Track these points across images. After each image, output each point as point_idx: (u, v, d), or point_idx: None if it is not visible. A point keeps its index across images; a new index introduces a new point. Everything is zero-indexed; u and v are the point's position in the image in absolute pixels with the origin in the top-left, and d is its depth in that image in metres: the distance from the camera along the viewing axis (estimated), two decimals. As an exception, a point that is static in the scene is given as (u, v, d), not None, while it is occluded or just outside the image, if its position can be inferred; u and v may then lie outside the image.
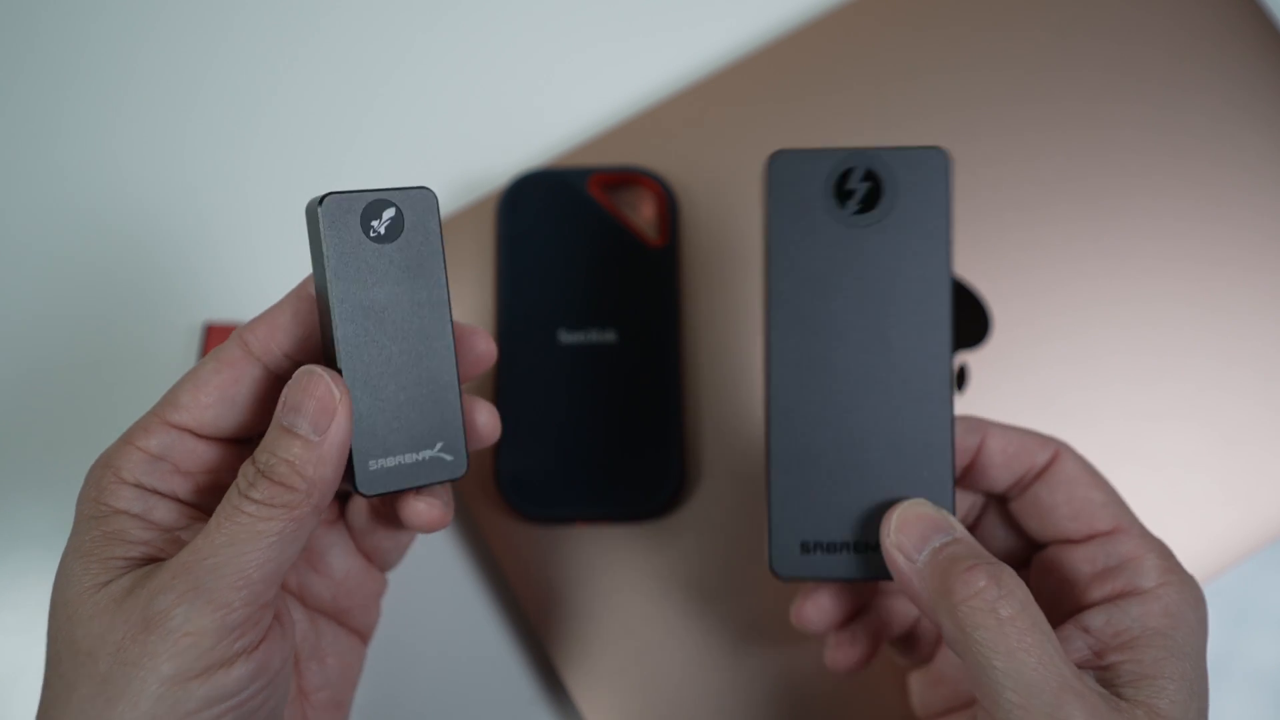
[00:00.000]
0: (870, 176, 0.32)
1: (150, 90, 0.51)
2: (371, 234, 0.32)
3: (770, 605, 0.44)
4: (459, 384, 0.33)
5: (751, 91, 0.49)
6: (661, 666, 0.44)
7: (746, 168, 0.48)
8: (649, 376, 0.46)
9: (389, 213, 0.32)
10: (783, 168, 0.32)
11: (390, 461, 0.32)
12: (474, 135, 0.51)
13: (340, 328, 0.32)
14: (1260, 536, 0.45)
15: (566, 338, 0.46)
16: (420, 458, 0.33)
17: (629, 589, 0.44)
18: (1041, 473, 0.35)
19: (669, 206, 0.47)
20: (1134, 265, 0.47)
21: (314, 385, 0.30)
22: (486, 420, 0.35)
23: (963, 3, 0.49)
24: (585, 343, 0.46)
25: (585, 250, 0.47)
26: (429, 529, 0.34)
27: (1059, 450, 0.35)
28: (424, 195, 0.32)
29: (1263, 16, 0.49)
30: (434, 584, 0.46)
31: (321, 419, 0.30)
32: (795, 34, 0.49)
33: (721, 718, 0.43)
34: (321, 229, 0.31)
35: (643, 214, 0.48)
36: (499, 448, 0.45)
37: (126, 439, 0.32)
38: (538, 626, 0.44)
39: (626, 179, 0.47)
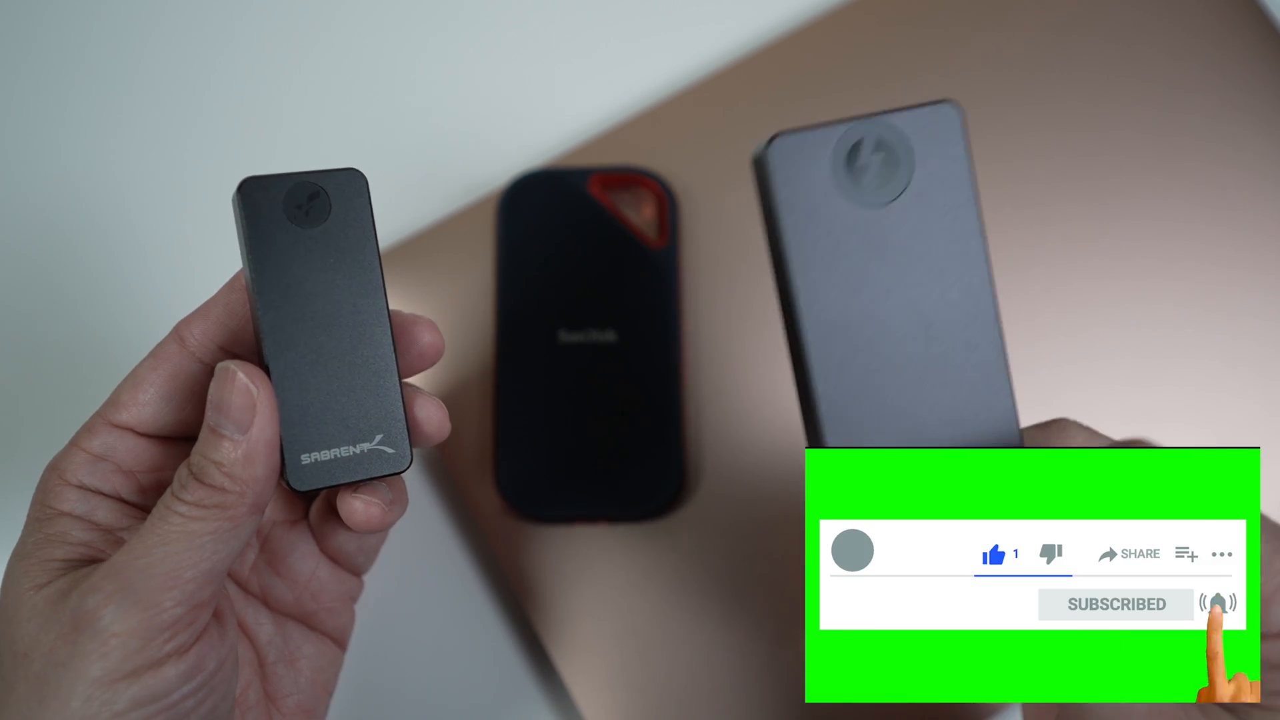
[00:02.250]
0: (882, 146, 0.29)
1: (149, 93, 0.51)
2: (294, 218, 0.31)
3: (771, 604, 0.44)
4: (398, 374, 0.32)
5: (751, 91, 0.49)
6: (661, 666, 0.44)
7: (746, 168, 0.48)
8: (649, 376, 0.46)
9: (313, 196, 0.31)
10: (785, 152, 0.29)
11: (325, 455, 0.31)
12: (474, 135, 0.51)
13: (264, 317, 0.30)
14: (1260, 536, 0.45)
15: (566, 338, 0.46)
16: (358, 451, 0.31)
17: (629, 589, 0.44)
18: None
19: (669, 206, 0.47)
20: (1134, 265, 0.47)
21: (231, 382, 0.30)
22: (430, 414, 0.33)
23: (963, 3, 0.49)
24: (585, 343, 0.46)
25: (585, 250, 0.47)
26: (366, 529, 0.33)
27: None
28: (352, 177, 0.31)
29: (1263, 16, 0.49)
30: (434, 584, 0.46)
31: (243, 417, 0.29)
32: (795, 34, 0.49)
33: (722, 717, 0.43)
34: (239, 215, 0.30)
35: (643, 214, 0.48)
36: (499, 448, 0.45)
37: (73, 441, 0.32)
38: (537, 626, 0.44)
39: (626, 179, 0.47)
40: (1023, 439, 0.31)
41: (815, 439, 0.30)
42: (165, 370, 0.32)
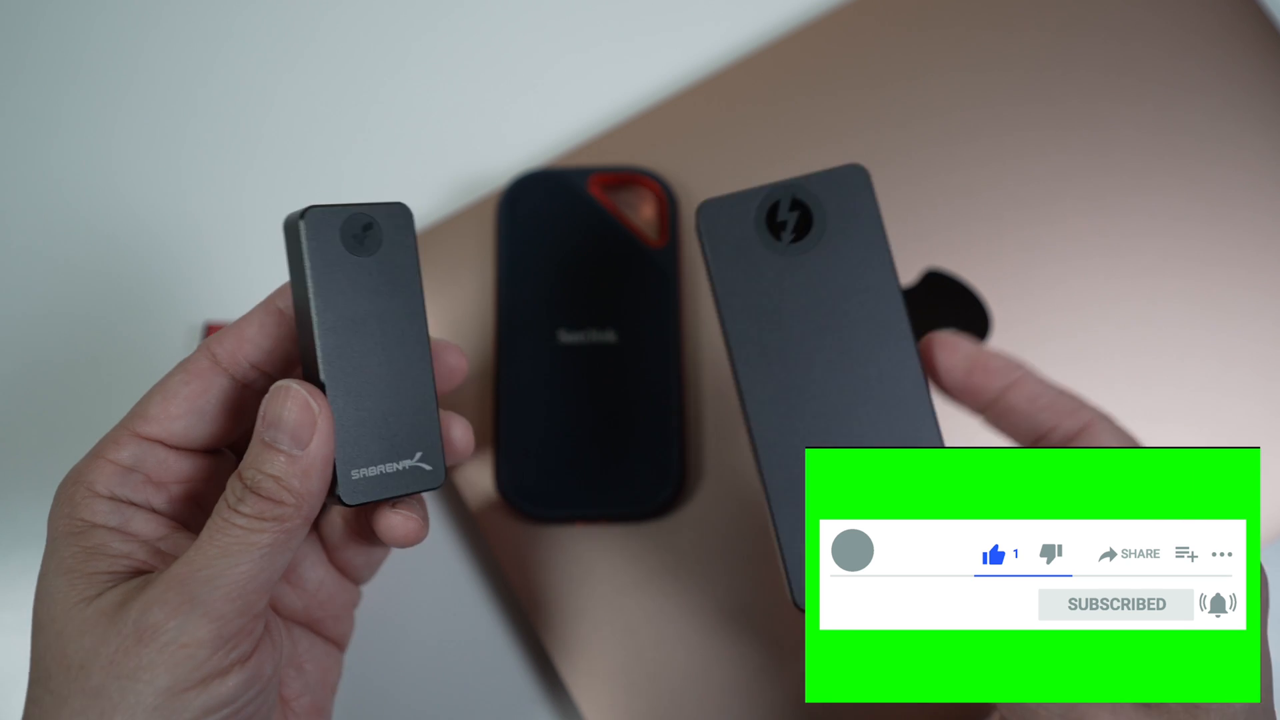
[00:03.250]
0: (797, 205, 0.33)
1: (149, 94, 0.51)
2: (351, 247, 0.32)
3: (770, 604, 0.44)
4: (436, 394, 0.34)
5: (751, 91, 0.49)
6: (661, 666, 0.44)
7: (746, 168, 0.48)
8: (649, 376, 0.46)
9: (368, 226, 0.33)
10: (712, 215, 0.33)
11: (372, 471, 0.33)
12: (474, 135, 0.51)
13: (323, 340, 0.32)
14: (1261, 537, 0.45)
15: (566, 338, 0.46)
16: (400, 467, 0.33)
17: (629, 589, 0.44)
18: (1072, 439, 0.35)
19: (669, 206, 0.47)
20: (1133, 265, 0.47)
21: (291, 400, 0.31)
22: (461, 434, 0.36)
23: (963, 3, 0.49)
24: (585, 343, 0.46)
25: (585, 250, 0.47)
26: (405, 543, 0.34)
27: (1092, 421, 0.35)
28: (400, 210, 0.33)
29: (1263, 16, 0.49)
30: (434, 584, 0.46)
31: (302, 433, 0.31)
32: (795, 34, 0.49)
33: (721, 717, 0.43)
34: (304, 242, 0.32)
35: (643, 214, 0.48)
36: (499, 448, 0.45)
37: (96, 453, 0.33)
38: (538, 626, 0.44)
39: (626, 179, 0.47)
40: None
41: (757, 462, 0.33)
42: (197, 385, 0.33)
